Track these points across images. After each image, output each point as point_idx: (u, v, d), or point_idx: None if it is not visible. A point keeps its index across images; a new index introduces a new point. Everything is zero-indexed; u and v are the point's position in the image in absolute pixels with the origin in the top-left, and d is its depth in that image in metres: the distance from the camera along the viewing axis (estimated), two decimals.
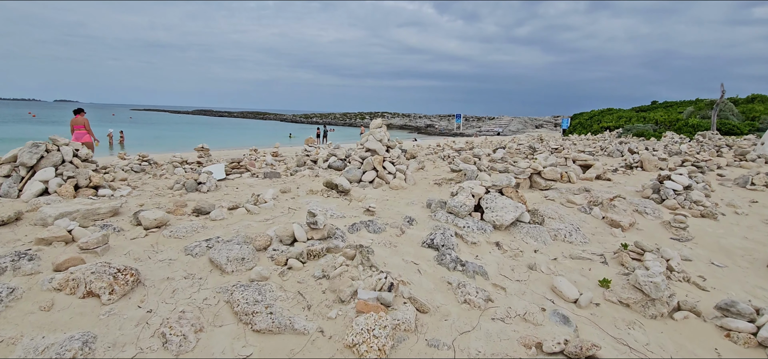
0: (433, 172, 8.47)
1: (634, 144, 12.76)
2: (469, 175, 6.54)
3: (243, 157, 12.79)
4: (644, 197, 6.37)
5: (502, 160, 10.00)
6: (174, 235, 3.70)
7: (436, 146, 24.17)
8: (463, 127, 73.20)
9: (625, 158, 11.20)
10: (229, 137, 43.42)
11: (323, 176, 7.14)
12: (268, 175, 7.16)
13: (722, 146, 17.18)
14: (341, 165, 7.71)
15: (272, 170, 7.61)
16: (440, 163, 10.79)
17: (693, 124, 28.83)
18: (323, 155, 9.00)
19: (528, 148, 12.44)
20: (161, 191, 5.78)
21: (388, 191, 6.05)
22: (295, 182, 6.83)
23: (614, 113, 47.41)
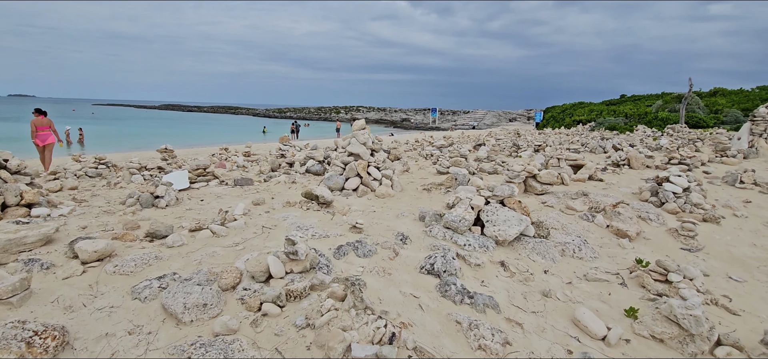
0: (418, 175, 7.95)
1: (616, 140, 12.68)
2: (461, 179, 6.05)
3: (211, 159, 11.92)
4: (643, 200, 6.07)
5: (488, 159, 9.60)
6: (120, 270, 3.01)
7: (415, 142, 23.73)
8: (438, 121, 73.34)
9: (610, 155, 11.04)
10: (198, 134, 41.58)
11: (301, 183, 6.49)
12: (239, 182, 6.44)
13: (696, 140, 17.53)
14: (320, 169, 7.07)
15: (243, 176, 6.88)
16: (424, 163, 10.30)
17: (662, 117, 29.61)
18: (300, 157, 8.32)
19: (512, 145, 12.13)
20: (112, 205, 4.99)
21: (374, 200, 5.48)
22: (270, 190, 6.15)
23: (585, 107, 48.45)
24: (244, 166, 10.41)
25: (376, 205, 5.28)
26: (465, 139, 24.80)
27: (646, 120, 30.79)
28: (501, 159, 9.27)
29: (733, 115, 28.77)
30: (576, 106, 50.54)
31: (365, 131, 5.88)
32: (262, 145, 27.76)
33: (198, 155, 19.35)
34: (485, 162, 9.41)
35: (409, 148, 20.23)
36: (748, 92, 37.22)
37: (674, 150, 11.50)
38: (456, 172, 6.19)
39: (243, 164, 10.50)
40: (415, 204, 5.47)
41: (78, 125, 35.70)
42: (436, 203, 5.54)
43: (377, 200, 5.50)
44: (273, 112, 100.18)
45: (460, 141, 22.78)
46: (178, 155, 17.40)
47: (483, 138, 25.86)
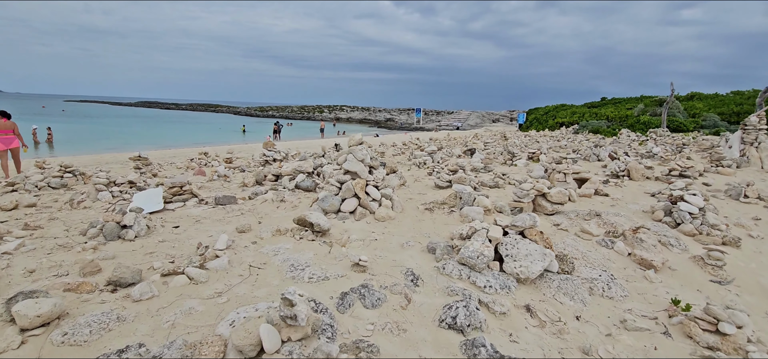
0: (416, 188, 7.45)
1: (609, 147, 12.48)
2: (465, 198, 5.58)
3: (189, 165, 11.14)
4: (656, 220, 5.73)
5: (486, 169, 9.19)
6: (70, 340, 2.39)
7: (403, 145, 23.28)
8: (423, 121, 73.21)
9: (606, 164, 10.80)
10: (176, 134, 40.06)
11: (291, 202, 5.89)
12: (221, 201, 5.80)
13: (681, 145, 17.62)
14: (311, 184, 6.48)
15: (225, 193, 6.23)
16: (418, 173, 9.81)
17: (644, 121, 30.03)
18: (287, 169, 7.70)
19: (505, 152, 11.78)
20: (71, 236, 4.30)
21: (374, 224, 4.94)
22: (256, 211, 5.54)
23: (568, 109, 48.98)
24: (225, 176, 9.71)
25: (377, 230, 4.75)
26: (452, 142, 24.48)
27: (629, 124, 31.18)
28: (500, 171, 8.86)
29: (712, 119, 29.39)
30: (558, 108, 51.08)
31: (363, 147, 5.33)
32: (244, 146, 26.78)
33: (175, 157, 18.41)
34: (483, 173, 8.99)
35: (396, 151, 19.77)
36: (724, 97, 38.24)
37: (669, 159, 11.36)
38: (460, 190, 5.71)
39: (224, 172, 9.80)
40: (418, 228, 4.96)
41: (47, 123, 33.86)
42: (441, 227, 5.05)
43: (377, 223, 4.97)
44: (254, 110, 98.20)
45: (448, 144, 22.45)
46: (154, 158, 16.44)
47: (470, 141, 25.61)
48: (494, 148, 19.98)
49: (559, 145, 20.82)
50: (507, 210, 5.54)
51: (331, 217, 5.01)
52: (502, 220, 4.02)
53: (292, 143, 30.31)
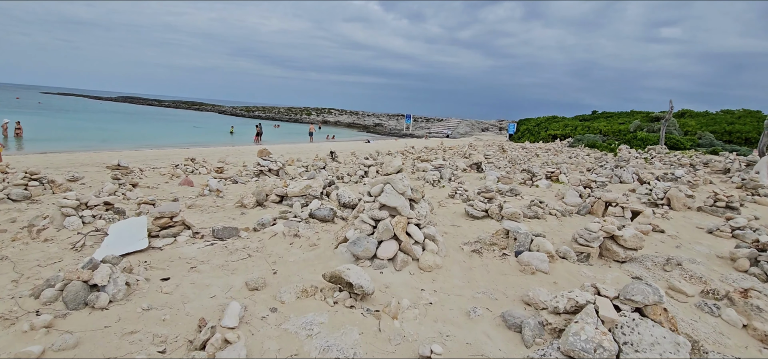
0: (444, 217, 6.44)
1: (631, 167, 11.75)
2: (522, 241, 4.60)
3: (173, 171, 9.86)
4: (740, 270, 4.87)
5: (513, 192, 8.25)
6: None
7: (401, 154, 22.29)
8: (412, 128, 72.63)
9: (633, 187, 10.02)
10: (159, 132, 38.12)
11: (307, 237, 4.80)
12: (220, 235, 4.69)
13: (689, 165, 17.14)
14: (328, 214, 5.40)
15: (225, 225, 5.11)
16: (436, 193, 8.80)
17: (641, 137, 29.84)
18: (295, 189, 6.59)
19: (527, 173, 10.90)
20: (18, 294, 3.12)
21: (419, 276, 3.91)
22: (266, 250, 4.43)
23: (560, 121, 48.97)
24: (217, 190, 8.53)
25: (426, 286, 3.72)
26: (450, 152, 23.63)
27: (626, 139, 30.96)
28: (530, 195, 7.94)
29: (708, 138, 29.38)
30: (550, 120, 51.04)
31: (402, 176, 4.30)
32: (232, 149, 25.32)
33: (158, 160, 16.92)
34: (510, 197, 8.05)
35: None
36: (714, 115, 38.61)
37: (696, 184, 10.64)
38: (514, 229, 4.73)
39: (217, 187, 8.61)
40: (474, 282, 3.95)
41: (18, 117, 31.69)
42: (500, 279, 4.05)
43: (423, 275, 3.93)
44: (240, 110, 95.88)
45: (450, 156, 21.57)
46: (134, 160, 14.97)
47: (467, 151, 24.80)
48: (497, 161, 19.21)
49: (557, 159, 20.15)
50: (572, 256, 4.59)
51: (364, 264, 3.96)
52: (607, 289, 3.04)
53: (281, 146, 28.97)
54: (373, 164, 11.73)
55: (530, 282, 3.99)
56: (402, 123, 77.58)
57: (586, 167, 15.27)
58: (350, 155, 21.30)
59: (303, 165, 14.22)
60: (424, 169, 14.66)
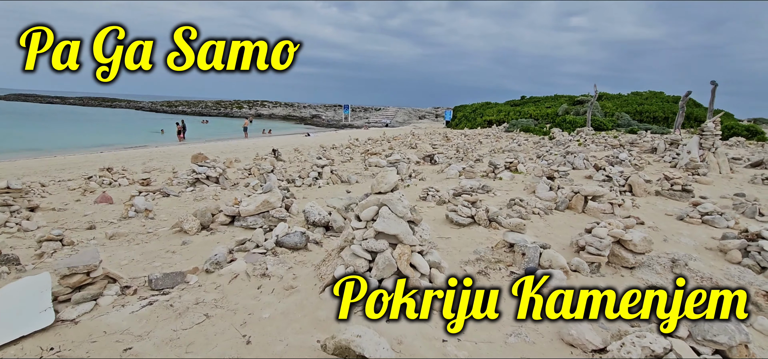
0: None
1: (582, 153, 12.02)
2: (530, 256, 4.04)
3: (86, 185, 8.00)
4: (733, 262, 4.78)
5: (484, 189, 7.79)
6: None
7: (347, 148, 21.32)
8: (351, 118, 71.59)
9: (589, 174, 10.16)
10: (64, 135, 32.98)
11: (279, 276, 3.82)
12: (160, 285, 3.54)
13: (618, 146, 18.30)
14: (300, 241, 4.41)
15: (166, 272, 3.94)
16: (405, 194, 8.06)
17: (570, 120, 31.80)
18: (249, 207, 5.48)
19: (488, 165, 10.59)
20: None
21: (436, 320, 3.16)
22: (229, 305, 3.39)
23: (493, 107, 50.93)
24: (146, 211, 7.05)
25: (447, 332, 2.98)
26: (402, 145, 23.16)
27: (556, 122, 32.83)
28: (507, 191, 7.54)
29: (625, 119, 32.14)
30: (484, 106, 52.92)
31: (402, 196, 3.48)
32: (156, 151, 22.43)
33: (65, 170, 14.29)
34: (482, 194, 7.59)
35: (343, 157, 17.81)
36: (626, 97, 42.58)
37: (642, 167, 11.09)
38: (520, 243, 4.16)
39: (145, 206, 7.11)
40: (498, 327, 3.29)
41: None
42: None
43: (439, 316, 3.19)
44: (161, 105, 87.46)
45: (399, 147, 21.04)
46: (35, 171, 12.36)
47: (411, 140, 24.49)
48: (446, 151, 19.05)
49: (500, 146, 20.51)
50: (585, 268, 4.13)
51: (359, 314, 3.12)
52: (680, 329, 2.52)
53: (213, 145, 26.42)
54: (327, 163, 10.72)
55: (612, 351, 3.42)
56: (340, 114, 76.06)
57: (535, 153, 15.57)
58: (294, 152, 19.91)
59: (245, 168, 12.75)
60: (377, 165, 13.94)
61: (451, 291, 3.42)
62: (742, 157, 14.44)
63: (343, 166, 15.24)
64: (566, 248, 4.96)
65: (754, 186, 9.69)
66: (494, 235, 5.32)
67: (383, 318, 3.09)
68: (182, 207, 8.18)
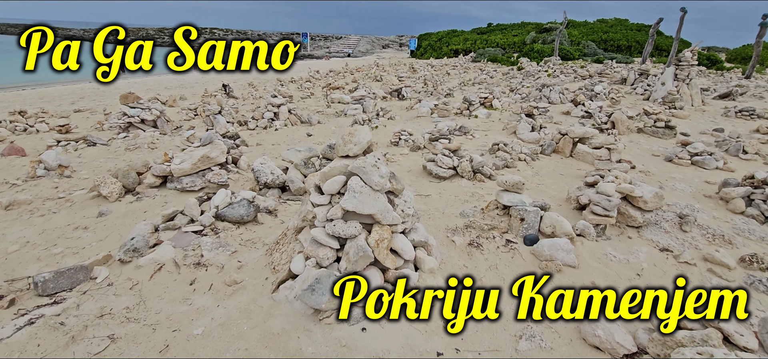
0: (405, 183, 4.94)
1: (557, 87, 11.38)
2: (530, 221, 3.38)
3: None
4: (735, 211, 4.38)
5: (461, 130, 7.02)
6: None
7: (306, 83, 19.64)
8: (310, 48, 67.46)
9: (567, 110, 9.62)
10: None
11: (218, 266, 2.93)
12: (51, 288, 2.60)
13: (593, 75, 17.94)
14: (248, 212, 3.48)
15: (67, 267, 2.95)
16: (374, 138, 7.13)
17: (538, 49, 31.09)
18: (184, 165, 4.40)
19: (462, 101, 9.73)
20: None
21: (425, 322, 2.45)
22: (146, 310, 2.52)
23: (459, 35, 49.18)
24: (61, 167, 5.77)
25: (440, 338, 2.30)
26: (366, 78, 21.69)
27: (524, 52, 32.05)
28: (491, 135, 6.82)
29: (591, 48, 31.83)
30: (450, 34, 51.00)
31: (378, 160, 2.58)
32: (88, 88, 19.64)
33: None
34: (459, 137, 6.83)
35: (303, 92, 16.33)
36: (592, 24, 42.10)
37: (618, 100, 10.68)
38: (517, 205, 3.47)
39: (58, 162, 5.81)
40: (504, 327, 2.64)
41: None
42: None
43: (426, 330, 2.48)
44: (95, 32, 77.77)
45: (362, 79, 19.65)
46: None
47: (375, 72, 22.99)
48: (413, 83, 17.96)
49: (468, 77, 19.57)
50: (590, 232, 3.53)
51: (332, 320, 2.35)
52: (737, 336, 1.94)
53: (157, 79, 23.66)
54: (284, 101, 9.48)
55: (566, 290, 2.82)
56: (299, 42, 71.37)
57: (507, 86, 14.84)
58: (248, 88, 18.11)
59: (191, 107, 11.20)
60: (340, 101, 12.74)
61: (440, 278, 2.70)
62: (709, 88, 14.43)
63: (302, 104, 13.90)
64: (562, 203, 4.36)
65: (728, 120, 9.54)
66: (479, 190, 4.62)
67: (357, 325, 2.34)
68: (111, 159, 6.88)
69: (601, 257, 3.33)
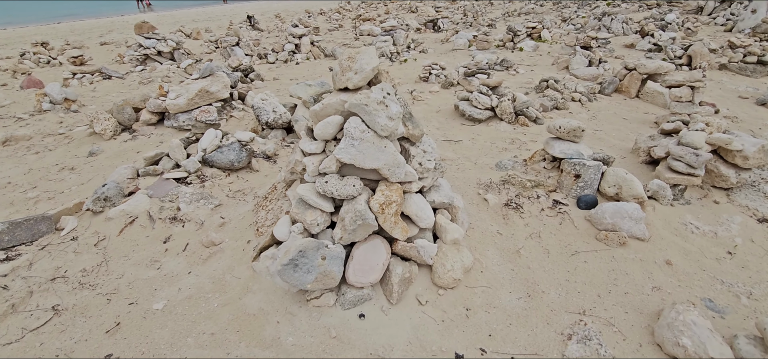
0: (431, 125, 4.23)
1: (621, 15, 9.78)
2: (588, 177, 2.64)
3: (19, 68, 6.21)
4: None
5: (503, 64, 6.07)
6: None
7: (336, 13, 18.43)
8: None
9: (633, 43, 8.24)
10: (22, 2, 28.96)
11: (196, 219, 2.46)
12: (4, 244, 2.22)
13: (657, 4, 15.61)
14: (239, 157, 2.96)
15: (31, 215, 2.57)
16: (401, 72, 6.32)
17: None
18: (180, 101, 3.90)
19: (506, 32, 8.50)
20: None
21: (444, 313, 1.88)
22: (107, 274, 2.10)
23: None
24: (68, 101, 5.47)
25: (464, 337, 1.73)
26: (400, 9, 20.09)
27: None
28: (542, 75, 5.84)
29: None
30: None
31: (386, 94, 1.91)
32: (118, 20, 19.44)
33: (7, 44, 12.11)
34: (499, 71, 5.87)
35: (332, 25, 15.27)
36: None
37: (697, 30, 9.09)
38: (572, 157, 2.73)
39: (63, 96, 5.50)
40: (542, 298, 2.02)
41: None
42: (573, 274, 2.17)
43: (449, 304, 1.92)
44: None
45: (395, 9, 18.18)
46: None
47: (415, 2, 21.22)
48: (451, 14, 16.38)
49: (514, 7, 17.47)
50: (665, 193, 2.75)
51: (321, 303, 1.83)
52: None
53: (183, 12, 23.11)
54: (305, 32, 8.69)
55: (633, 272, 2.14)
56: None
57: (558, 16, 13.12)
58: (275, 19, 17.23)
59: (211, 40, 10.64)
60: (370, 33, 11.72)
61: (465, 256, 2.09)
62: None
63: (328, 36, 12.97)
64: (626, 155, 3.52)
65: None
66: (522, 136, 3.84)
67: (352, 309, 1.81)
68: (123, 93, 6.54)
69: (679, 227, 2.57)
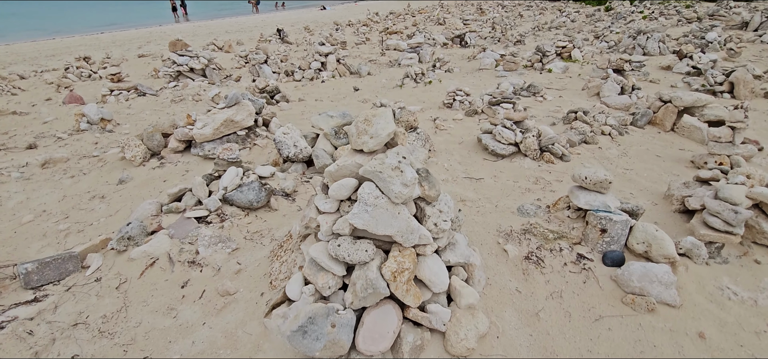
0: (452, 159, 4.16)
1: (657, 33, 9.37)
2: (615, 232, 2.50)
3: (63, 82, 6.60)
4: None
5: (530, 90, 5.93)
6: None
7: (363, 26, 18.58)
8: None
9: (668, 64, 7.87)
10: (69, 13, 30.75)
11: (213, 264, 2.49)
12: (33, 283, 2.32)
13: (698, 19, 14.91)
14: (259, 197, 2.98)
15: (53, 255, 2.68)
16: (425, 95, 6.26)
17: None
18: (206, 130, 3.99)
19: (534, 52, 8.31)
20: None
21: None
22: (126, 322, 2.16)
23: None
24: (103, 121, 5.72)
25: None
26: (428, 21, 20.06)
27: None
28: (571, 104, 5.67)
29: None
30: None
31: (402, 159, 1.87)
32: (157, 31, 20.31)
33: (56, 55, 12.91)
34: (527, 97, 5.72)
35: (360, 38, 15.39)
36: None
37: (739, 52, 8.61)
38: (598, 209, 2.59)
39: (100, 115, 5.75)
40: None
41: None
42: (597, 344, 2.05)
43: None
44: None
45: (423, 22, 18.14)
46: (25, 56, 11.06)
47: (443, 15, 21.13)
48: (479, 28, 16.20)
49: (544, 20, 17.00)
50: (700, 252, 2.58)
51: None
52: None
53: (216, 23, 23.87)
54: (332, 51, 8.78)
55: (662, 344, 2.01)
56: None
57: (591, 32, 12.73)
58: (304, 32, 17.54)
59: (241, 54, 10.92)
60: (396, 48, 11.74)
61: (481, 321, 2.01)
62: None
63: (355, 50, 13.07)
64: (658, 201, 3.34)
65: None
66: (547, 174, 3.72)
67: None
68: (156, 112, 6.80)
69: (715, 292, 2.40)
